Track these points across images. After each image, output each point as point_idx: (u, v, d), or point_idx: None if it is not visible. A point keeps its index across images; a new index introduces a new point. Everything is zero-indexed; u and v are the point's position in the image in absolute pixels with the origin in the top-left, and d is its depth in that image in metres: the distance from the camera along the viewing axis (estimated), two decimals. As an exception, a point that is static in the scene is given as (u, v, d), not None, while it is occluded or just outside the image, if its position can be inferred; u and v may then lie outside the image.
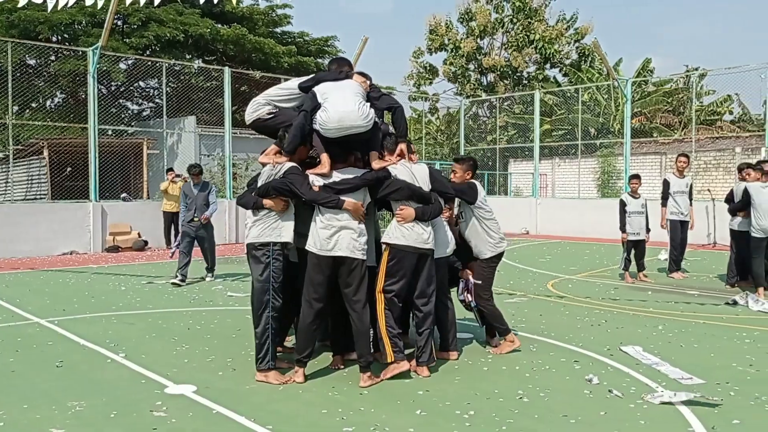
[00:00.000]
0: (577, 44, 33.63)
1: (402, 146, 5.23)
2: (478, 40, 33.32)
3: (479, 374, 5.22)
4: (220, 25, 29.55)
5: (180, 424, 4.11)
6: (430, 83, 35.28)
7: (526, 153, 30.45)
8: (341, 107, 4.83)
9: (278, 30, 33.26)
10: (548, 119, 29.85)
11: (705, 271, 11.33)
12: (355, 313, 4.91)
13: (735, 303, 8.08)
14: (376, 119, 5.04)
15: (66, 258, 13.30)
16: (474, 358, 5.69)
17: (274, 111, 5.38)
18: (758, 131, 28.91)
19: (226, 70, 17.55)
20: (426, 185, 5.22)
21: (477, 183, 5.93)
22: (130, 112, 31.36)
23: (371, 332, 5.05)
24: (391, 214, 5.28)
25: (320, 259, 4.83)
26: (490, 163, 31.12)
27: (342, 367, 5.34)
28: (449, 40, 33.55)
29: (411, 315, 5.61)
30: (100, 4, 13.47)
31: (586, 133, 29.90)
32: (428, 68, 35.10)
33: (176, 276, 9.73)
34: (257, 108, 5.42)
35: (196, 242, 10.17)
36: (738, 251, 9.44)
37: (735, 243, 9.48)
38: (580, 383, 4.95)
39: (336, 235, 4.80)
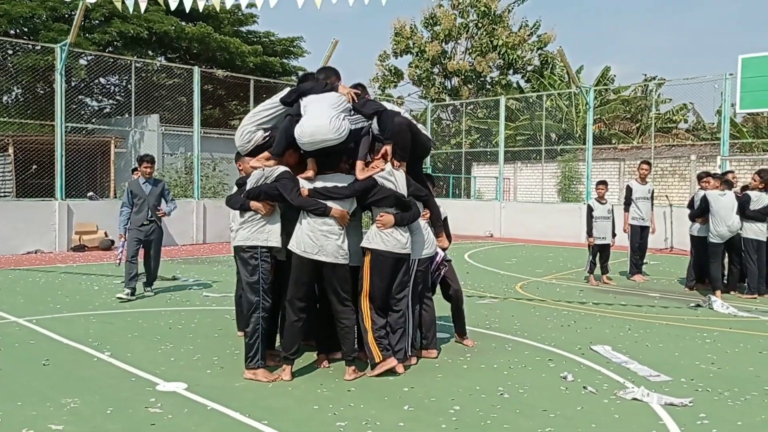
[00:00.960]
0: (539, 51, 34.30)
1: (387, 147, 5.40)
2: (443, 44, 33.72)
3: (460, 372, 5.44)
4: (184, 23, 29.34)
5: (176, 420, 4.23)
6: (395, 86, 35.56)
7: (489, 157, 30.95)
8: (314, 121, 4.97)
9: (244, 29, 33.17)
10: (511, 124, 30.37)
11: (664, 274, 11.79)
12: (341, 313, 5.09)
13: (698, 306, 8.47)
14: (361, 125, 5.18)
15: (32, 257, 13.13)
16: (453, 356, 5.91)
17: (267, 133, 5.51)
18: (712, 139, 29.97)
19: (196, 70, 17.51)
20: (405, 190, 5.43)
21: None
22: (89, 108, 30.90)
23: (356, 330, 5.23)
24: (371, 218, 5.47)
25: (303, 261, 4.99)
26: (453, 166, 31.55)
27: (327, 365, 5.50)
28: (414, 43, 33.89)
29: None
30: None
31: (548, 139, 30.56)
32: (393, 71, 35.39)
33: (123, 290, 8.54)
34: (249, 137, 5.51)
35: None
36: (697, 256, 9.88)
37: (694, 248, 9.92)
38: (555, 380, 5.21)
39: (320, 241, 4.96)
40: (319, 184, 5.08)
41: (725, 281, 9.50)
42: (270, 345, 5.53)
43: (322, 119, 4.97)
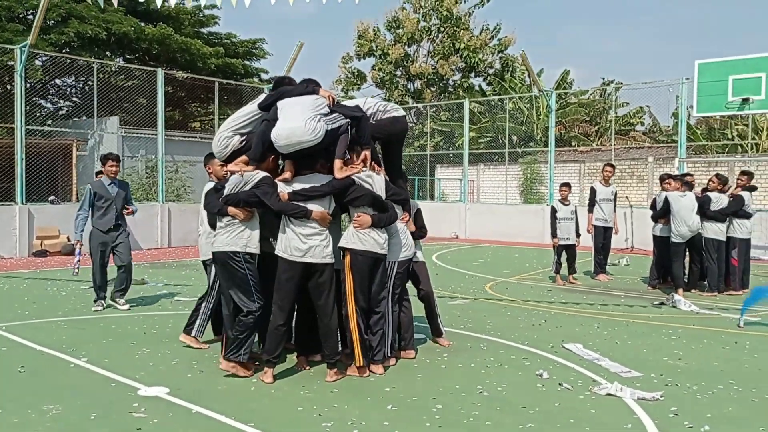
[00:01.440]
0: (500, 54, 34.77)
1: (366, 153, 5.49)
2: (406, 47, 33.94)
3: (438, 372, 5.54)
4: (144, 24, 28.95)
5: (162, 424, 4.23)
6: (359, 88, 35.67)
7: (452, 159, 31.27)
8: (289, 124, 5.02)
9: (205, 30, 32.87)
10: (474, 126, 30.73)
11: (627, 273, 12.11)
12: (325, 316, 5.15)
13: (662, 305, 8.73)
14: (339, 125, 5.23)
15: (-8, 262, 12.85)
16: (430, 356, 6.01)
17: (243, 138, 5.54)
18: (668, 142, 30.78)
19: (159, 72, 17.36)
20: (383, 193, 5.52)
21: None
22: (45, 110, 30.26)
23: (338, 333, 5.30)
24: (348, 219, 5.54)
25: (291, 265, 5.03)
26: (417, 168, 31.75)
27: (307, 368, 5.55)
28: (377, 46, 34.04)
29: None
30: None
31: (509, 141, 31.00)
32: (356, 73, 35.49)
33: (96, 302, 8.08)
34: (227, 142, 5.55)
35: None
36: (659, 255, 10.18)
37: (657, 248, 10.23)
38: (532, 378, 5.35)
39: (306, 243, 5.01)
40: (297, 185, 5.12)
41: (686, 280, 9.81)
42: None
43: (296, 121, 5.01)
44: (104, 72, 28.32)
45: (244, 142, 5.59)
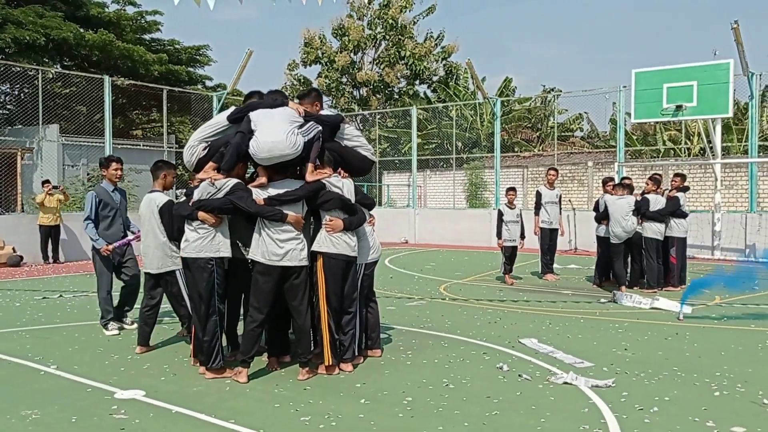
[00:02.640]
0: (444, 62, 35.41)
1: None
2: (352, 54, 34.23)
3: (404, 368, 5.80)
4: (84, 30, 28.40)
5: (144, 424, 4.36)
6: (305, 95, 35.65)
7: (399, 165, 31.66)
8: (270, 137, 5.19)
9: (147, 37, 32.45)
10: (420, 133, 31.21)
11: (572, 273, 12.62)
12: (299, 317, 5.34)
13: (608, 302, 9.18)
14: (313, 134, 5.45)
15: (-66, 275, 12.49)
16: (395, 354, 6.27)
17: (207, 145, 5.70)
18: (605, 147, 31.91)
19: (106, 79, 17.11)
20: (352, 197, 5.76)
21: None
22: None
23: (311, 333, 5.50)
24: (313, 223, 5.72)
25: (269, 269, 5.21)
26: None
27: (278, 368, 5.73)
28: (323, 53, 34.22)
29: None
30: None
31: (455, 147, 31.60)
32: (302, 81, 35.56)
33: (107, 326, 7.27)
34: (193, 150, 5.70)
35: None
36: (602, 255, 10.71)
37: (600, 248, 10.75)
38: (493, 371, 5.66)
39: (283, 248, 5.20)
40: (271, 190, 5.30)
41: (628, 278, 10.34)
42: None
43: (278, 135, 5.20)
44: (42, 79, 27.66)
45: (207, 149, 5.74)
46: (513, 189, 11.44)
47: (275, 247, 5.19)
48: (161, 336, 6.97)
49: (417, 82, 35.65)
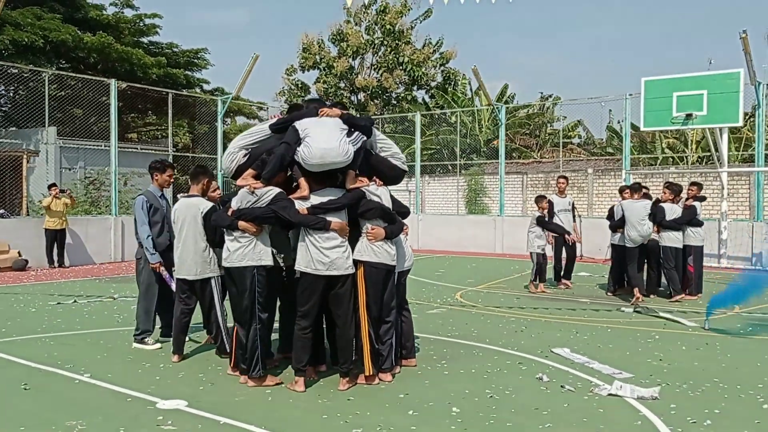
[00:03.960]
0: (442, 68, 35.46)
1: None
2: (350, 60, 34.20)
3: (443, 378, 5.74)
4: (82, 32, 28.23)
5: (195, 436, 4.28)
6: (302, 101, 35.59)
7: (397, 170, 31.58)
8: (323, 144, 5.16)
9: (145, 40, 32.31)
10: (420, 139, 31.22)
11: (583, 280, 12.59)
12: (343, 325, 5.28)
13: (636, 311, 9.09)
14: (360, 144, 5.42)
15: (-60, 279, 12.32)
16: (430, 364, 6.21)
17: (247, 153, 5.65)
18: (602, 154, 32.03)
19: (113, 83, 16.97)
20: (390, 206, 5.71)
21: None
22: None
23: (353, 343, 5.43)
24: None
25: (315, 279, 5.14)
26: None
27: (315, 377, 5.65)
28: (322, 59, 34.17)
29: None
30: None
31: (452, 153, 31.63)
32: (300, 86, 35.49)
33: (145, 340, 6.80)
34: (233, 157, 5.67)
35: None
36: (618, 263, 10.68)
37: (616, 255, 10.72)
38: (533, 381, 5.61)
39: (329, 257, 5.14)
40: (314, 200, 5.24)
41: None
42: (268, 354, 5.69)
43: (330, 143, 5.16)
44: (37, 81, 27.45)
45: (247, 156, 5.69)
46: (543, 197, 11.42)
47: (321, 256, 5.12)
48: (189, 344, 6.87)
49: (415, 87, 35.67)
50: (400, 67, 33.92)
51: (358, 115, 5.95)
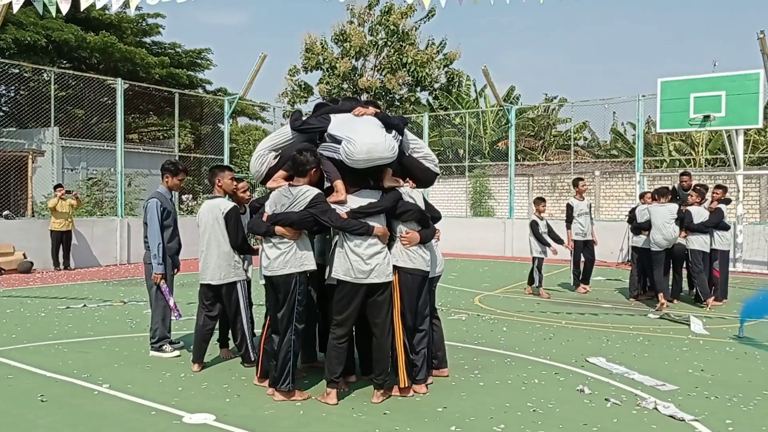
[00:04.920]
0: (446, 69, 35.20)
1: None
2: (353, 60, 33.94)
3: (480, 390, 5.47)
4: (84, 32, 27.96)
5: (229, 455, 4.02)
6: (305, 101, 35.33)
7: (401, 172, 31.33)
8: (368, 139, 4.91)
9: (148, 40, 32.06)
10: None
11: (600, 285, 12.32)
12: (381, 335, 5.00)
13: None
14: (399, 142, 5.17)
15: (-57, 282, 12.03)
16: (463, 374, 5.94)
17: (278, 154, 5.40)
18: (606, 156, 31.82)
19: (119, 82, 16.72)
20: (423, 208, 5.45)
21: None
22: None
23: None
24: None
25: (355, 287, 4.88)
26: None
27: (346, 389, 5.39)
28: (325, 59, 33.90)
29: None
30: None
31: (456, 155, 31.40)
32: (303, 86, 35.21)
33: (164, 348, 6.53)
34: (263, 159, 5.41)
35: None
36: (641, 266, 10.43)
37: (639, 259, 10.46)
38: (574, 394, 5.35)
39: (369, 264, 4.87)
40: (352, 203, 4.97)
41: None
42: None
43: (376, 137, 4.90)
44: (39, 81, 27.17)
45: (278, 158, 5.44)
46: (542, 199, 11.26)
47: (361, 264, 4.85)
48: (210, 353, 6.60)
49: (418, 89, 35.40)
50: (404, 68, 33.66)
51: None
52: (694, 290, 10.25)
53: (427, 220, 5.33)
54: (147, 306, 9.33)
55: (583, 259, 11.56)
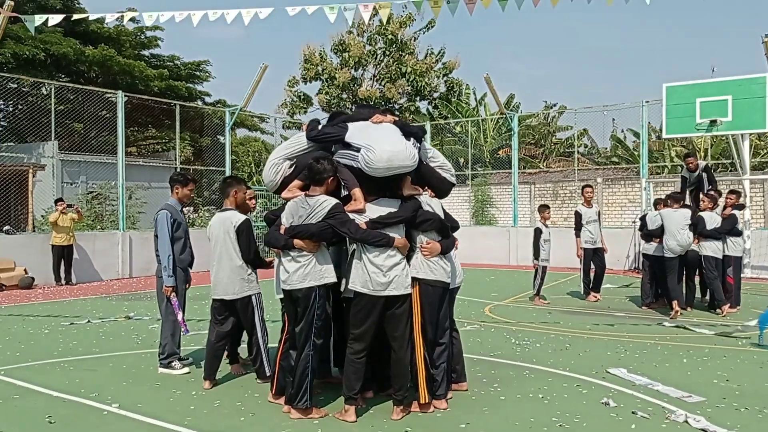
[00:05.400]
0: (445, 78, 35.16)
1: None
2: (353, 70, 33.89)
3: (501, 404, 5.30)
4: (83, 45, 27.88)
5: (248, 478, 3.84)
6: (305, 112, 35.27)
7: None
8: (389, 147, 4.77)
9: (146, 53, 32.00)
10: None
11: (609, 293, 12.15)
12: (400, 349, 4.84)
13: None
14: (418, 150, 5.03)
15: (-57, 299, 11.84)
16: (482, 388, 5.77)
17: (293, 163, 5.25)
18: (606, 163, 31.72)
19: (119, 95, 16.61)
20: (442, 216, 5.30)
21: None
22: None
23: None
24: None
25: (372, 300, 4.72)
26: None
27: (363, 405, 5.22)
28: (324, 69, 33.84)
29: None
30: None
31: (457, 164, 31.30)
32: (302, 97, 35.13)
33: (175, 365, 6.35)
34: (278, 168, 5.25)
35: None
36: (652, 274, 10.27)
37: (650, 266, 10.30)
38: (599, 407, 5.17)
39: (388, 276, 4.71)
40: (372, 213, 4.82)
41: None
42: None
43: (397, 145, 4.77)
44: (37, 95, 27.07)
45: (293, 167, 5.29)
46: (547, 206, 11.19)
47: (379, 276, 4.69)
48: (220, 369, 6.43)
49: (418, 98, 35.35)
50: (403, 78, 33.61)
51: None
52: (707, 297, 10.11)
53: (447, 229, 5.19)
54: (152, 321, 9.26)
55: (593, 267, 11.39)
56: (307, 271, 4.73)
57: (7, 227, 14.37)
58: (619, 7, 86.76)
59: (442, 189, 5.61)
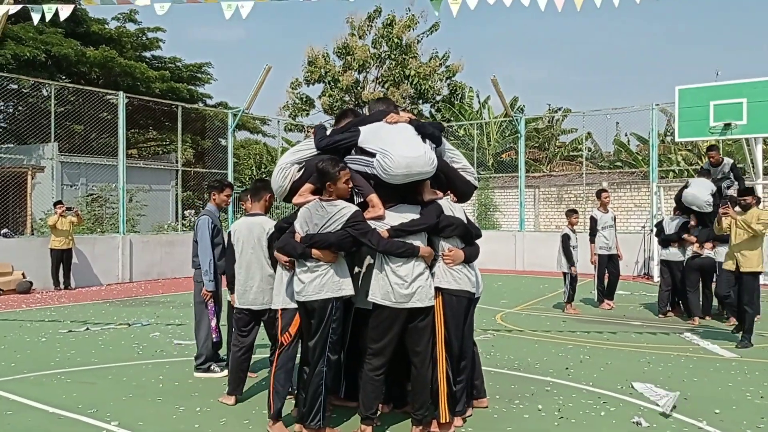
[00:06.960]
0: (448, 81, 34.90)
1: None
2: (356, 73, 33.62)
3: (525, 422, 4.99)
4: (84, 47, 27.60)
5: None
6: (307, 114, 34.99)
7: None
8: (407, 152, 4.44)
9: (148, 54, 31.73)
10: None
11: (624, 300, 11.84)
12: (422, 364, 4.52)
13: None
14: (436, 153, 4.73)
15: (-61, 304, 11.53)
16: (502, 404, 5.46)
17: (302, 166, 4.94)
18: (609, 167, 31.44)
19: (121, 95, 16.33)
20: (465, 221, 4.99)
21: None
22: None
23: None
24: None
25: (394, 312, 4.40)
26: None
27: (378, 423, 4.89)
28: (327, 72, 33.57)
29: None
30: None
31: (475, 164, 30.99)
32: (305, 100, 34.86)
33: (210, 369, 6.43)
34: (286, 173, 4.93)
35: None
36: (672, 281, 9.94)
37: (667, 274, 9.98)
38: (631, 427, 4.86)
39: (411, 287, 4.40)
40: (392, 221, 4.50)
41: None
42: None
43: (416, 150, 4.44)
44: (37, 97, 26.77)
45: (302, 170, 4.97)
46: (575, 211, 10.88)
47: (402, 287, 4.37)
48: (223, 382, 6.12)
49: (421, 101, 35.09)
50: (407, 81, 33.34)
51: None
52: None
53: (471, 235, 4.87)
54: (153, 329, 8.94)
55: (607, 273, 11.07)
56: (323, 281, 4.39)
57: (5, 230, 14.06)
58: (620, 10, 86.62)
59: (465, 192, 5.29)
